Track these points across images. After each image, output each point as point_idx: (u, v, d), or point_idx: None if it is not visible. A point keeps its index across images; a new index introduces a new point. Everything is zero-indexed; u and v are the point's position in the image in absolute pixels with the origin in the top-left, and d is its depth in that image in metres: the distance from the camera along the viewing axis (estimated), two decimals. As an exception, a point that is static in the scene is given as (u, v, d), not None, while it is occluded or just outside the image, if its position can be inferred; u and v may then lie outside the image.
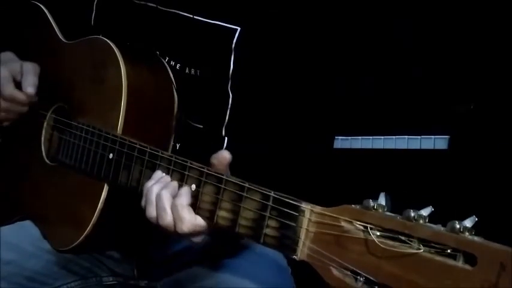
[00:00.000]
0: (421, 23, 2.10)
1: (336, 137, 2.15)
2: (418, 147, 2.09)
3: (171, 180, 1.34)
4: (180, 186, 1.32)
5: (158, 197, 1.32)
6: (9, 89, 1.74)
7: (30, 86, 1.73)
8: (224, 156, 1.30)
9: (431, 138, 2.07)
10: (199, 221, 1.29)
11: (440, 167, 2.02)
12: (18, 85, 1.75)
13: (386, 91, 2.14)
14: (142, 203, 1.37)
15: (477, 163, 1.96)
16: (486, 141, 1.96)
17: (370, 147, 2.16)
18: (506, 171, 1.91)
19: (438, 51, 2.05)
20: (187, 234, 1.31)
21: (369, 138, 2.16)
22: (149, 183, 1.37)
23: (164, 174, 1.37)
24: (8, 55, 1.81)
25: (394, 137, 2.12)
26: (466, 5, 2.02)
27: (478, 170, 1.96)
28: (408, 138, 2.11)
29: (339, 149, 2.16)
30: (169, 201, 1.31)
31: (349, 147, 2.18)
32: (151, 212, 1.34)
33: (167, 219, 1.30)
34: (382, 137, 2.14)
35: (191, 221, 1.28)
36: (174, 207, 1.30)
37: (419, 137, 2.09)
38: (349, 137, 2.17)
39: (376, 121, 2.16)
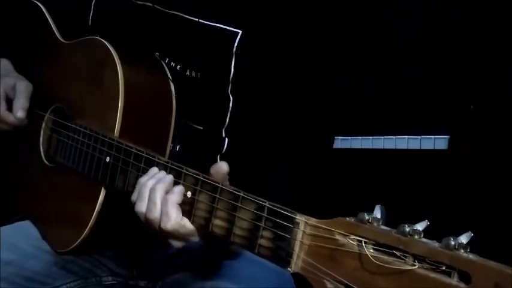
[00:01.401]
0: (422, 23, 2.09)
1: (336, 137, 2.14)
2: (418, 147, 2.08)
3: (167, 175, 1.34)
4: (175, 183, 1.32)
5: (152, 190, 1.32)
6: (1, 110, 1.74)
7: (20, 110, 1.73)
8: (222, 167, 1.30)
9: (431, 138, 2.06)
10: (186, 223, 1.29)
11: (440, 167, 2.02)
12: (10, 102, 1.75)
13: (386, 91, 2.14)
14: (133, 197, 1.37)
15: (477, 163, 1.96)
16: (486, 141, 1.95)
17: (370, 147, 2.16)
18: (506, 172, 1.91)
19: (438, 51, 2.05)
20: (169, 234, 1.31)
21: (369, 138, 2.15)
22: (143, 179, 1.37)
23: (160, 170, 1.36)
24: (4, 64, 1.80)
25: (394, 137, 2.12)
26: (466, 5, 2.00)
27: (478, 170, 1.95)
28: (408, 138, 2.10)
29: (339, 149, 2.16)
30: (161, 195, 1.31)
31: (349, 147, 2.18)
32: (141, 206, 1.34)
33: (155, 213, 1.30)
34: (382, 137, 2.13)
35: (177, 219, 1.28)
36: (164, 202, 1.30)
37: (419, 137, 2.08)
38: (349, 137, 2.17)
39: (376, 121, 2.15)
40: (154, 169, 1.37)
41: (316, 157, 1.64)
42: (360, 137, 2.16)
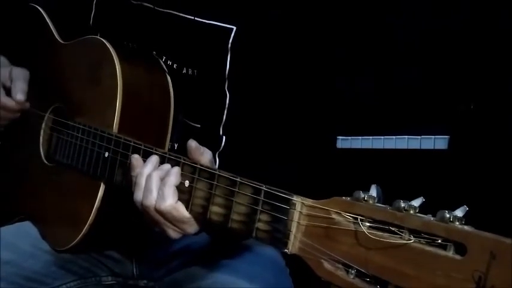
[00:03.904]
0: (421, 23, 2.09)
1: (336, 137, 2.14)
2: (418, 147, 2.08)
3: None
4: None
5: (148, 177, 1.32)
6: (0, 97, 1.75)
7: (19, 93, 1.75)
8: (189, 144, 1.33)
9: (431, 138, 2.06)
10: (180, 207, 1.29)
11: (440, 167, 2.01)
12: (8, 92, 1.76)
13: (387, 91, 2.14)
14: (133, 187, 1.37)
15: (477, 163, 1.95)
16: (486, 141, 1.95)
17: (370, 147, 2.15)
18: (506, 172, 1.90)
19: (438, 51, 2.05)
20: (164, 216, 1.30)
21: (369, 138, 2.15)
22: (140, 168, 1.37)
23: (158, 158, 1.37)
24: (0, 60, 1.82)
25: (394, 137, 2.11)
26: (465, 5, 2.01)
27: (478, 170, 1.95)
28: (408, 138, 2.10)
29: (338, 149, 2.15)
30: (157, 181, 1.31)
31: (349, 147, 2.17)
32: (138, 195, 1.34)
33: (151, 200, 1.30)
34: (382, 137, 2.13)
35: (172, 201, 1.29)
36: (161, 184, 1.30)
37: (419, 137, 2.08)
38: (349, 137, 2.17)
39: (376, 121, 2.15)
40: (152, 158, 1.37)
41: (316, 155, 1.64)
42: (360, 137, 2.16)
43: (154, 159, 1.36)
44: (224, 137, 1.63)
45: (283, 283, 1.60)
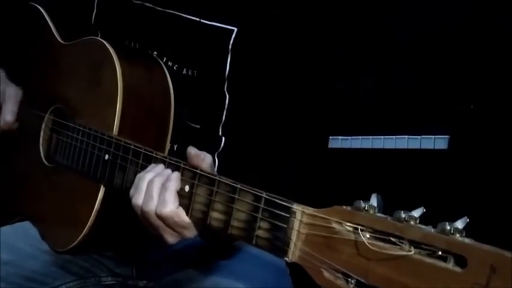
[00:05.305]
0: (421, 23, 2.09)
1: (336, 137, 2.14)
2: (418, 147, 2.07)
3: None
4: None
5: (150, 183, 1.33)
6: None
7: (8, 114, 1.79)
8: (189, 152, 1.33)
9: (431, 138, 2.05)
10: (181, 213, 1.29)
11: (440, 167, 2.01)
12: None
13: (387, 91, 2.13)
14: (131, 191, 1.37)
15: (477, 163, 1.95)
16: (486, 141, 1.95)
17: (370, 147, 2.15)
18: (506, 172, 1.90)
19: (438, 51, 2.04)
20: (165, 221, 1.31)
21: (369, 138, 2.15)
22: (141, 173, 1.37)
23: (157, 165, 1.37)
24: None
25: (394, 137, 2.11)
26: (465, 5, 2.01)
27: (478, 170, 1.94)
28: (408, 138, 2.09)
29: (339, 148, 2.15)
30: (158, 187, 1.31)
31: (349, 147, 2.17)
32: (138, 199, 1.34)
33: (151, 205, 1.31)
34: (382, 137, 2.13)
35: (173, 206, 1.29)
36: (162, 190, 1.30)
37: (419, 137, 2.07)
38: (349, 137, 2.16)
39: (376, 121, 2.15)
40: (153, 165, 1.37)
41: (313, 155, 1.64)
42: (360, 137, 2.16)
43: (160, 167, 1.36)
44: (223, 137, 1.63)
45: (283, 284, 1.60)
